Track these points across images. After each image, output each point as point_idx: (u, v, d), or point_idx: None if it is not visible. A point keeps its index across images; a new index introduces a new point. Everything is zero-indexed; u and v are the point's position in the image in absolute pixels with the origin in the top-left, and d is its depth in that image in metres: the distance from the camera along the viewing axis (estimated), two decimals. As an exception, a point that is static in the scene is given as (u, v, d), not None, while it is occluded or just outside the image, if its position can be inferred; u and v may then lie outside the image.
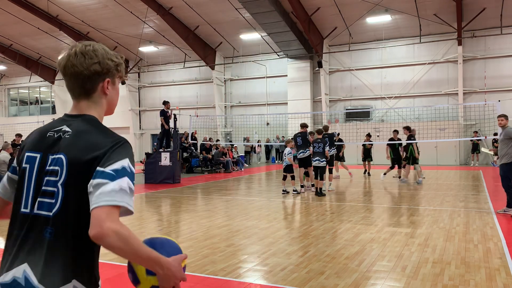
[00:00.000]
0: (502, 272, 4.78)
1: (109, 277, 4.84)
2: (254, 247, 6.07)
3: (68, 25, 26.51)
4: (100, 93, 1.67)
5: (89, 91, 1.65)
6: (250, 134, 27.23)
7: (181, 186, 14.35)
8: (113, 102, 1.74)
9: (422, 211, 8.84)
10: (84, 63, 1.60)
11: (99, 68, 1.62)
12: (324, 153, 11.29)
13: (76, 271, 1.52)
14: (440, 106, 22.33)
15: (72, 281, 1.51)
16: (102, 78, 1.65)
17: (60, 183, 1.53)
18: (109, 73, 1.66)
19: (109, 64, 1.65)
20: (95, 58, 1.62)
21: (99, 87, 1.65)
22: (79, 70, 1.60)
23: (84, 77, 1.61)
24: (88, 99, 1.66)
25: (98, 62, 1.62)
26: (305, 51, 24.84)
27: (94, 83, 1.64)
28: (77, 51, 1.62)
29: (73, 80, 1.63)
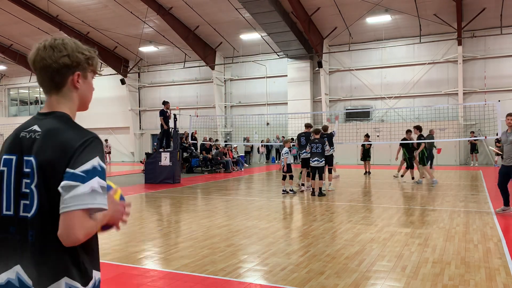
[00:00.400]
0: (502, 272, 4.78)
1: (109, 277, 4.84)
2: (254, 247, 6.07)
3: (68, 25, 26.51)
4: (70, 86, 1.65)
5: (58, 84, 1.63)
6: (250, 134, 27.23)
7: (181, 186, 14.35)
8: (86, 97, 1.72)
9: (422, 211, 8.84)
10: (52, 56, 1.59)
11: (68, 61, 1.61)
12: (323, 153, 11.29)
13: (65, 269, 1.53)
14: (440, 106, 22.33)
15: (63, 278, 1.52)
16: (72, 71, 1.63)
17: (34, 185, 1.53)
18: (79, 66, 1.64)
19: (79, 57, 1.63)
20: (64, 51, 1.61)
21: (69, 80, 1.64)
22: (48, 63, 1.59)
23: (53, 70, 1.60)
24: (58, 93, 1.65)
25: (67, 55, 1.61)
26: (305, 51, 24.85)
27: (63, 76, 1.62)
28: (46, 45, 1.61)
29: (43, 74, 1.62)
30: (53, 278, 1.51)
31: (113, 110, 32.09)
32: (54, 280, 1.51)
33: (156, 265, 5.32)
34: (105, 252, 5.87)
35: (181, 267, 5.15)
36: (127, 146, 31.81)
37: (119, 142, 32.08)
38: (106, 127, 32.33)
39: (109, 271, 5.03)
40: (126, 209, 1.73)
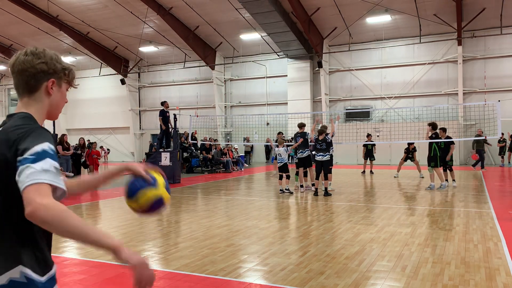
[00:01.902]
0: (502, 272, 4.78)
1: (109, 277, 4.85)
2: (254, 247, 6.07)
3: (68, 25, 26.51)
4: (44, 92, 1.71)
5: (32, 88, 1.70)
6: (250, 134, 27.23)
7: (181, 186, 14.35)
8: (57, 105, 1.77)
9: (422, 211, 8.84)
10: (31, 61, 1.67)
11: (45, 67, 1.69)
12: (328, 149, 11.37)
13: (21, 258, 1.55)
14: (440, 106, 22.32)
15: (18, 266, 1.54)
16: (47, 78, 1.71)
17: None
18: (55, 74, 1.72)
19: (56, 65, 1.72)
20: (43, 58, 1.70)
21: (43, 86, 1.71)
22: (26, 67, 1.67)
23: (29, 74, 1.68)
24: (29, 97, 1.71)
25: (45, 62, 1.70)
26: (305, 51, 24.84)
27: (38, 81, 1.69)
28: (27, 51, 1.70)
29: (19, 77, 1.70)
30: (7, 266, 1.53)
31: (113, 110, 32.09)
32: (7, 268, 1.52)
33: (156, 265, 5.32)
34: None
35: (181, 267, 5.15)
36: (127, 146, 31.81)
37: (119, 142, 32.08)
38: (106, 127, 32.34)
39: (109, 271, 5.03)
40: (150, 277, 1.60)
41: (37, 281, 1.56)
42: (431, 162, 12.22)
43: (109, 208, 10.02)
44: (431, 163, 12.22)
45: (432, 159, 12.21)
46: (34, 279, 1.56)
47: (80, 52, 29.76)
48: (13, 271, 1.53)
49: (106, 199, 11.42)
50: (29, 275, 1.55)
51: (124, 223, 8.01)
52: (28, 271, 1.55)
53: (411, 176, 16.09)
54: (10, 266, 1.53)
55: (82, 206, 10.40)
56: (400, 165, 15.90)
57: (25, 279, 1.54)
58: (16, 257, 1.54)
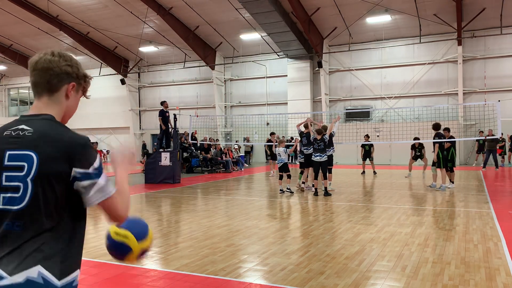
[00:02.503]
0: (502, 272, 4.78)
1: (109, 277, 4.85)
2: (254, 247, 6.07)
3: (68, 25, 26.50)
4: (63, 94, 1.75)
5: (53, 87, 1.72)
6: (250, 134, 27.23)
7: (181, 186, 14.35)
8: (71, 110, 1.82)
9: (422, 211, 8.84)
10: (58, 62, 1.71)
11: (70, 69, 1.74)
12: (325, 150, 11.37)
13: (43, 259, 1.56)
14: (440, 106, 22.32)
15: (37, 266, 1.55)
16: (69, 81, 1.75)
17: (30, 178, 1.59)
18: (77, 79, 1.77)
19: (79, 70, 1.78)
20: (69, 61, 1.75)
21: (64, 88, 1.74)
22: (51, 66, 1.70)
23: (53, 73, 1.71)
24: (49, 97, 1.73)
25: (70, 65, 1.74)
26: (305, 51, 24.84)
27: (60, 81, 1.73)
28: (54, 52, 1.74)
29: (41, 74, 1.71)
30: (28, 265, 1.55)
31: (113, 110, 32.09)
32: (28, 266, 1.54)
33: (156, 265, 5.32)
34: (105, 252, 5.86)
35: (181, 267, 5.15)
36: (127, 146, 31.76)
37: (119, 142, 32.07)
38: (106, 127, 32.34)
39: (109, 271, 5.03)
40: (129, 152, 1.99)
41: (53, 284, 1.57)
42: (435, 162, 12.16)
43: (109, 208, 10.01)
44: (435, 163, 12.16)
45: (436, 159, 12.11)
46: (51, 281, 1.57)
47: (80, 52, 29.73)
48: (31, 270, 1.54)
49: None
50: (47, 276, 1.56)
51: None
52: (46, 272, 1.56)
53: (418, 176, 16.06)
54: (30, 265, 1.55)
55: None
56: (410, 164, 15.83)
57: (41, 280, 1.55)
58: (39, 258, 1.56)
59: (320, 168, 11.38)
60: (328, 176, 12.46)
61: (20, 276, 1.53)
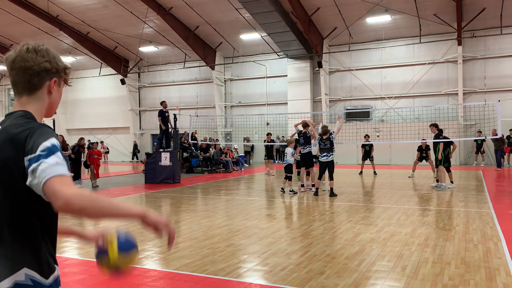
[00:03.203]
0: (502, 272, 4.78)
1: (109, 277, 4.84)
2: (254, 247, 6.07)
3: (68, 25, 26.51)
4: (45, 91, 1.69)
5: (35, 86, 1.66)
6: (250, 134, 27.23)
7: (181, 186, 14.35)
8: (55, 103, 1.76)
9: (422, 211, 8.84)
10: (35, 59, 1.63)
11: (49, 66, 1.67)
12: (331, 149, 11.35)
13: (25, 260, 1.54)
14: (440, 106, 22.32)
15: (23, 269, 1.53)
16: (50, 77, 1.69)
17: None
18: (57, 73, 1.71)
19: (58, 64, 1.70)
20: (47, 56, 1.66)
21: (46, 85, 1.68)
22: (29, 65, 1.63)
23: (33, 72, 1.64)
24: (30, 95, 1.67)
25: (48, 61, 1.66)
26: (305, 51, 24.84)
27: (41, 80, 1.66)
28: (29, 48, 1.65)
29: (21, 74, 1.64)
30: (12, 269, 1.52)
31: (113, 110, 32.09)
32: (14, 271, 1.51)
33: (156, 265, 5.32)
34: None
35: (181, 267, 5.15)
36: (127, 146, 31.81)
37: (119, 142, 32.09)
38: (106, 127, 32.34)
39: (109, 271, 5.03)
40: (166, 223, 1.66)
41: (42, 283, 1.56)
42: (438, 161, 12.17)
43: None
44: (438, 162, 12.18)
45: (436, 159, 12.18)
46: (39, 281, 1.55)
47: (80, 52, 29.75)
48: (18, 274, 1.52)
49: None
50: (34, 277, 1.54)
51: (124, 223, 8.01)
52: (33, 273, 1.54)
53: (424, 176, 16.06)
54: (15, 269, 1.52)
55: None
56: (415, 165, 15.84)
57: (30, 282, 1.53)
58: (20, 259, 1.53)
59: (327, 168, 11.34)
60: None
61: (7, 282, 1.50)
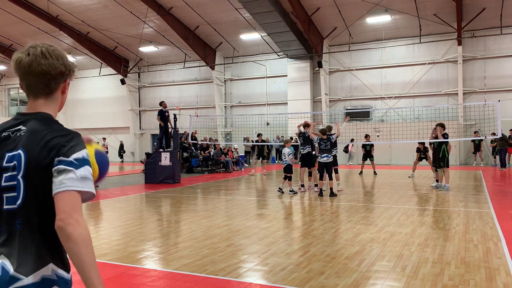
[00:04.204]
0: (502, 272, 4.78)
1: (109, 277, 4.85)
2: (254, 247, 6.07)
3: (68, 25, 26.51)
4: (59, 92, 1.77)
5: (52, 90, 1.73)
6: (250, 134, 27.23)
7: (181, 186, 14.35)
8: (64, 102, 1.85)
9: (422, 211, 8.84)
10: (52, 64, 1.68)
11: (64, 69, 1.73)
12: (331, 150, 11.35)
13: (51, 256, 1.62)
14: (440, 106, 22.33)
15: (49, 264, 1.60)
16: (64, 79, 1.75)
17: (20, 176, 1.61)
18: (70, 74, 1.77)
19: (71, 66, 1.76)
20: (61, 59, 1.72)
21: (61, 86, 1.76)
22: (47, 70, 1.67)
23: (51, 76, 1.69)
24: (47, 97, 1.74)
25: (63, 64, 1.72)
26: (305, 51, 24.85)
27: (57, 83, 1.73)
28: (43, 51, 1.68)
29: (38, 79, 1.68)
30: (41, 264, 1.58)
31: (113, 110, 32.10)
32: (42, 265, 1.58)
33: (156, 265, 5.32)
34: (105, 252, 5.87)
35: (181, 267, 5.15)
36: (127, 146, 31.82)
37: (119, 142, 32.09)
38: (106, 127, 32.35)
39: (109, 271, 5.03)
40: None
41: (65, 278, 1.65)
42: (440, 162, 12.04)
43: (110, 208, 10.02)
44: (440, 163, 12.04)
45: (441, 159, 12.02)
46: (63, 276, 1.64)
47: (80, 52, 29.76)
48: (45, 268, 1.59)
49: (106, 199, 11.42)
50: (59, 272, 1.63)
51: (124, 223, 8.01)
52: (58, 268, 1.62)
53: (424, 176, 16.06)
54: (43, 265, 1.59)
55: (83, 206, 10.38)
56: (415, 165, 15.86)
57: (55, 277, 1.61)
58: (48, 255, 1.61)
59: (326, 168, 11.33)
60: (336, 176, 12.47)
61: (36, 276, 1.57)
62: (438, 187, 12.32)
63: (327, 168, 11.29)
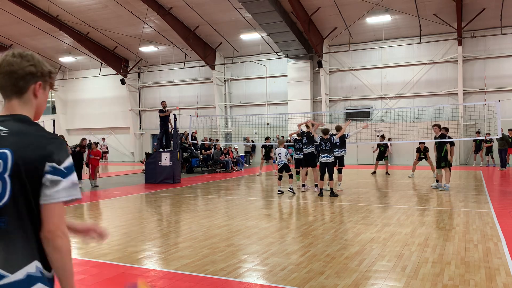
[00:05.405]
0: (502, 272, 4.78)
1: (109, 277, 4.85)
2: (254, 247, 6.07)
3: (68, 25, 26.50)
4: (31, 94, 1.77)
5: (21, 90, 1.75)
6: (250, 134, 27.24)
7: (181, 186, 14.35)
8: (41, 107, 1.84)
9: (422, 211, 8.84)
10: (20, 64, 1.72)
11: (34, 69, 1.75)
12: (332, 150, 11.34)
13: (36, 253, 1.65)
14: (440, 106, 22.32)
15: (34, 261, 1.63)
16: (35, 80, 1.76)
17: (7, 175, 1.62)
18: (42, 77, 1.78)
19: (43, 68, 1.78)
20: (32, 61, 1.75)
21: (31, 88, 1.76)
22: (15, 69, 1.71)
23: (18, 76, 1.72)
24: (19, 98, 1.76)
25: (33, 65, 1.75)
26: (305, 51, 24.84)
27: (27, 83, 1.75)
28: (15, 53, 1.74)
29: (7, 78, 1.73)
30: (26, 261, 1.62)
31: (113, 110, 32.09)
32: (26, 263, 1.62)
33: (156, 265, 5.32)
34: (105, 252, 5.87)
35: (181, 267, 5.15)
36: (127, 146, 31.82)
37: (119, 142, 32.09)
38: (106, 127, 32.34)
39: (109, 271, 5.03)
40: None
41: (48, 276, 1.68)
42: (442, 162, 11.98)
43: (109, 208, 10.02)
44: (442, 163, 11.98)
45: (442, 159, 11.95)
46: (46, 273, 1.67)
47: (80, 52, 29.76)
48: (30, 266, 1.62)
49: (106, 199, 11.43)
50: (43, 270, 1.65)
51: (124, 223, 8.02)
52: (41, 266, 1.65)
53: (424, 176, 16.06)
54: (28, 262, 1.62)
55: (83, 206, 10.40)
56: (415, 165, 15.87)
57: (39, 274, 1.64)
58: (32, 253, 1.64)
59: (327, 169, 11.31)
60: (338, 176, 12.47)
61: (21, 273, 1.60)
62: (438, 187, 12.34)
63: (328, 168, 11.28)
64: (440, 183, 12.35)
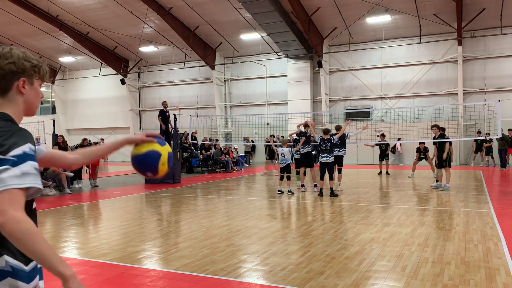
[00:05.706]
0: (502, 272, 4.78)
1: (109, 277, 4.85)
2: (254, 247, 6.07)
3: (68, 25, 26.52)
4: (16, 92, 1.74)
5: (3, 89, 1.72)
6: (250, 134, 27.24)
7: (181, 186, 14.35)
8: (32, 102, 1.81)
9: (422, 211, 8.84)
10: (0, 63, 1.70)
11: (14, 67, 1.71)
12: (332, 150, 11.33)
13: (5, 248, 1.58)
14: (440, 106, 22.33)
15: (3, 256, 1.57)
16: (17, 78, 1.73)
17: None
18: (25, 73, 1.74)
19: (24, 64, 1.73)
20: (10, 58, 1.71)
21: (14, 86, 1.73)
22: None
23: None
24: (2, 97, 1.73)
25: (13, 62, 1.71)
26: (305, 51, 24.85)
27: (8, 82, 1.72)
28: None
29: None
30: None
31: (113, 110, 32.10)
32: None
33: (156, 265, 5.32)
34: (105, 252, 5.87)
35: (181, 267, 5.15)
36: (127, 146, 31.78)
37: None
38: (106, 127, 32.34)
39: (109, 271, 5.03)
40: None
41: (21, 270, 1.61)
42: (442, 162, 11.94)
43: (109, 208, 10.02)
44: (443, 163, 11.94)
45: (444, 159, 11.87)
46: (19, 268, 1.60)
47: (80, 52, 29.77)
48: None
49: (106, 199, 11.43)
50: (14, 264, 1.59)
51: (124, 223, 8.02)
52: (12, 260, 1.59)
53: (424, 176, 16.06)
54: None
55: (83, 206, 10.40)
56: (415, 165, 15.87)
57: (10, 268, 1.58)
58: (1, 247, 1.57)
59: (327, 169, 11.31)
60: (338, 176, 12.47)
61: None
62: (438, 187, 12.34)
63: (328, 168, 11.28)
64: (440, 183, 12.35)
